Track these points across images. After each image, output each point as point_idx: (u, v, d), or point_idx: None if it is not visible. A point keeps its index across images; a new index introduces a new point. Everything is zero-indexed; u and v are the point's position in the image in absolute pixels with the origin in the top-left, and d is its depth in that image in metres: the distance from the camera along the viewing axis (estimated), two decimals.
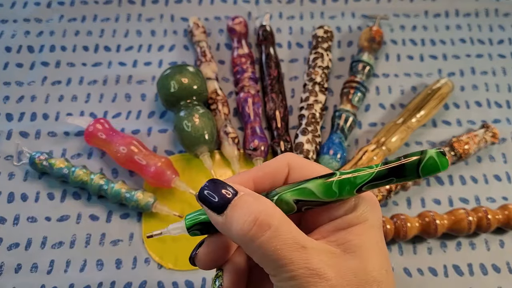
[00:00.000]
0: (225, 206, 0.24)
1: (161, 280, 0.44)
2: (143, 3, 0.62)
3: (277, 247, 0.23)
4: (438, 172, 0.24)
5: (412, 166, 0.24)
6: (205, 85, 0.51)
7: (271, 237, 0.23)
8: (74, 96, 0.55)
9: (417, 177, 0.24)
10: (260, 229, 0.23)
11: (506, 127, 0.54)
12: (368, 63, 0.55)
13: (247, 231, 0.23)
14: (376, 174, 0.25)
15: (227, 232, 0.25)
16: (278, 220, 0.24)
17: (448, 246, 0.46)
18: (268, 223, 0.24)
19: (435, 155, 0.23)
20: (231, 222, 0.24)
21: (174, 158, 0.50)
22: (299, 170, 0.27)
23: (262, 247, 0.23)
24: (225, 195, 0.25)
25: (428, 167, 0.23)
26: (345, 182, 0.25)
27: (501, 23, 0.62)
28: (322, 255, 0.24)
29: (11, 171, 0.49)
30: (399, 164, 0.24)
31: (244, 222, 0.24)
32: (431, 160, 0.23)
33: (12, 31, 0.59)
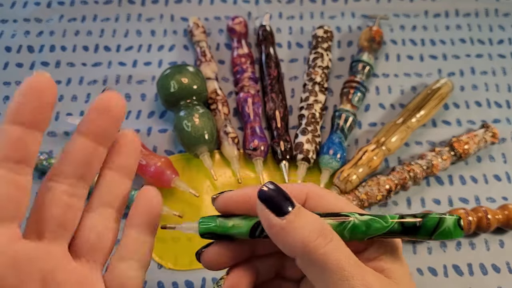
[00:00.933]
0: (287, 209, 0.24)
1: (161, 280, 0.44)
2: (143, 3, 0.62)
3: (340, 258, 0.23)
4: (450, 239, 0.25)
5: (427, 231, 0.25)
6: (205, 85, 0.51)
7: (334, 248, 0.23)
8: (74, 96, 0.55)
9: (428, 239, 0.25)
10: (325, 238, 0.23)
11: (506, 127, 0.54)
12: (368, 63, 0.55)
13: (313, 239, 0.23)
14: (390, 229, 0.25)
15: (283, 237, 0.24)
16: (336, 235, 0.24)
17: (448, 246, 0.46)
18: (332, 234, 0.24)
19: (452, 225, 0.24)
20: (293, 228, 0.24)
21: (174, 158, 0.50)
22: (316, 200, 0.27)
23: (325, 256, 0.23)
24: (286, 201, 0.24)
25: (443, 234, 0.24)
26: (357, 231, 0.25)
27: (501, 23, 0.62)
28: (375, 276, 0.24)
29: None
30: (415, 225, 0.25)
31: (310, 230, 0.23)
32: (447, 229, 0.24)
33: (12, 31, 0.59)
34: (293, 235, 0.23)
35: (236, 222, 0.27)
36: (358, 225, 0.25)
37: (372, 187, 0.47)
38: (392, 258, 0.26)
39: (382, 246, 0.27)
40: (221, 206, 0.27)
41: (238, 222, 0.27)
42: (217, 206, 0.28)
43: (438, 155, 0.49)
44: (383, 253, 0.26)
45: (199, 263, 0.29)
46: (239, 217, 0.27)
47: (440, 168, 0.49)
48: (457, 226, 0.24)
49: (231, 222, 0.27)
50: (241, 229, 0.26)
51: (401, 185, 0.48)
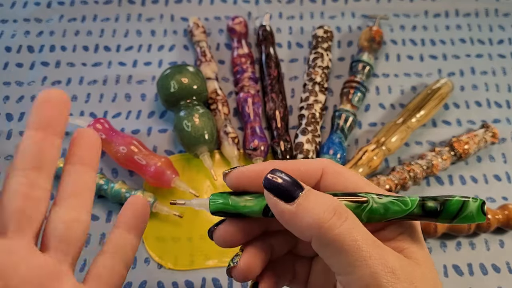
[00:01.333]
0: (296, 194, 0.23)
1: (161, 280, 0.44)
2: (143, 3, 0.62)
3: (356, 238, 0.22)
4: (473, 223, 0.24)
5: (449, 215, 0.24)
6: (205, 85, 0.51)
7: (350, 227, 0.22)
8: (74, 96, 0.55)
9: (449, 222, 0.24)
10: (340, 217, 0.22)
11: (506, 127, 0.54)
12: (368, 63, 0.55)
13: (327, 219, 0.22)
14: (410, 213, 0.24)
15: (295, 222, 0.23)
16: (351, 214, 0.23)
17: (448, 246, 0.46)
18: (346, 213, 0.23)
19: (475, 210, 0.23)
20: (305, 211, 0.23)
21: (174, 158, 0.50)
22: (333, 176, 0.26)
23: (341, 237, 0.22)
24: (294, 185, 0.24)
25: (465, 219, 0.23)
26: (374, 215, 0.24)
27: (501, 23, 0.62)
28: (394, 256, 0.23)
29: None
30: (436, 210, 0.24)
31: (323, 210, 0.22)
32: (469, 215, 0.23)
33: (12, 31, 0.59)
34: (306, 218, 0.23)
35: (249, 200, 0.26)
36: (376, 208, 0.24)
37: None
38: (411, 238, 0.25)
39: (401, 225, 0.25)
40: (233, 182, 0.26)
41: (251, 200, 0.26)
42: (229, 182, 0.27)
43: (438, 155, 0.49)
44: (401, 232, 0.25)
45: (199, 263, 0.28)
46: (252, 195, 0.26)
47: (440, 168, 0.49)
48: (480, 211, 0.23)
49: (243, 201, 0.26)
50: (254, 208, 0.26)
51: (401, 185, 0.48)
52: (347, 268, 0.22)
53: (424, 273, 0.23)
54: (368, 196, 0.24)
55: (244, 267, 0.26)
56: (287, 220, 0.24)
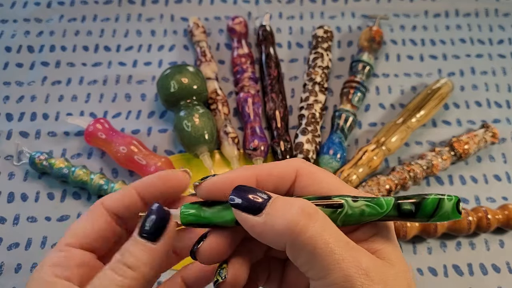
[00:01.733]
0: (263, 205, 0.23)
1: (161, 280, 0.44)
2: (143, 3, 0.62)
3: (329, 241, 0.22)
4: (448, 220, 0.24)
5: (425, 215, 0.23)
6: (205, 85, 0.51)
7: (322, 229, 0.22)
8: (74, 96, 0.55)
9: (426, 221, 0.24)
10: (310, 219, 0.22)
11: (506, 127, 0.54)
12: (368, 63, 0.55)
13: (297, 222, 0.22)
14: (386, 215, 0.24)
15: (266, 232, 0.23)
16: (323, 215, 0.23)
17: (448, 246, 0.46)
18: (317, 214, 0.22)
19: (450, 210, 0.23)
20: (274, 219, 0.22)
21: (174, 158, 0.50)
22: (308, 177, 0.26)
23: (313, 240, 0.22)
24: (260, 195, 0.23)
25: (440, 218, 0.23)
26: (351, 219, 0.24)
27: (501, 23, 0.62)
28: (368, 257, 0.23)
29: (11, 171, 0.49)
30: (411, 210, 0.24)
31: (292, 213, 0.22)
32: (445, 214, 0.23)
33: (12, 31, 0.59)
34: (276, 225, 0.22)
35: (221, 210, 0.25)
36: (352, 213, 0.24)
37: (372, 187, 0.47)
38: (384, 239, 0.25)
39: (375, 226, 0.25)
40: (204, 194, 0.26)
41: (223, 210, 0.25)
42: (200, 194, 0.26)
43: (438, 155, 0.49)
44: (375, 233, 0.25)
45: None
46: (224, 205, 0.25)
47: (440, 168, 0.49)
48: (455, 209, 0.23)
49: (216, 211, 0.25)
50: (227, 218, 0.25)
51: (401, 185, 0.48)
52: (321, 273, 0.22)
53: (398, 274, 0.23)
54: (343, 200, 0.24)
55: (233, 279, 0.26)
56: (259, 233, 0.23)
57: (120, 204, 0.27)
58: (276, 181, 0.25)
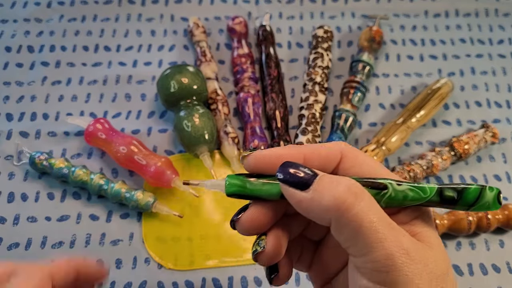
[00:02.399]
0: (311, 181, 0.23)
1: (161, 280, 0.44)
2: (143, 3, 0.62)
3: (373, 220, 0.22)
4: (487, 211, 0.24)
5: (466, 203, 0.24)
6: (205, 85, 0.51)
7: (368, 208, 0.22)
8: (74, 96, 0.55)
9: (466, 210, 0.24)
10: (357, 198, 0.22)
11: (506, 127, 0.54)
12: (368, 63, 0.55)
13: (345, 199, 0.22)
14: (428, 200, 0.24)
15: (313, 207, 0.23)
16: (368, 195, 0.23)
17: (448, 246, 0.46)
18: (363, 193, 0.23)
19: (492, 200, 0.24)
20: (321, 195, 0.23)
21: (174, 158, 0.50)
22: (351, 160, 0.26)
23: (359, 217, 0.22)
24: (307, 173, 0.24)
25: (481, 207, 0.24)
26: (393, 201, 0.25)
27: (501, 23, 0.62)
28: (409, 238, 0.23)
29: (11, 171, 0.49)
30: (453, 197, 0.24)
31: (340, 191, 0.22)
32: (486, 204, 0.24)
33: (12, 31, 0.59)
34: (323, 201, 0.23)
35: (266, 184, 0.26)
36: (395, 195, 0.24)
37: None
38: (424, 223, 0.25)
39: (415, 210, 0.26)
40: (251, 165, 0.26)
41: (268, 184, 0.26)
42: (247, 165, 0.26)
43: (438, 155, 0.49)
44: (416, 217, 0.25)
45: (199, 263, 0.28)
46: (269, 178, 0.26)
47: (440, 168, 0.49)
48: (496, 200, 0.24)
49: (260, 184, 0.26)
50: (272, 191, 0.25)
51: None
52: (363, 250, 0.22)
53: (437, 256, 0.24)
54: (387, 182, 0.25)
55: (272, 250, 0.26)
56: (305, 208, 0.24)
57: None
58: (322, 161, 0.26)
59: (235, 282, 0.44)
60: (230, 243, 0.46)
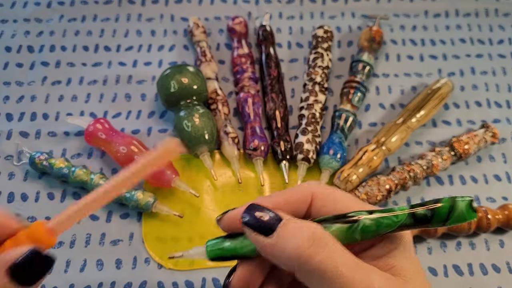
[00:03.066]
0: (275, 226, 0.23)
1: (161, 280, 0.44)
2: (143, 3, 0.62)
3: (338, 264, 0.22)
4: (464, 222, 0.24)
5: (440, 219, 0.24)
6: (205, 85, 0.51)
7: (331, 254, 0.22)
8: (74, 96, 0.55)
9: (442, 226, 0.24)
10: (319, 244, 0.22)
11: (506, 127, 0.54)
12: (368, 63, 0.55)
13: (307, 247, 0.22)
14: (401, 224, 0.24)
15: (277, 254, 0.23)
16: (332, 239, 0.23)
17: (448, 246, 0.46)
18: (326, 239, 0.23)
19: (465, 209, 0.23)
20: (284, 242, 0.23)
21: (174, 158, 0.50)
22: (323, 200, 0.26)
23: (323, 265, 0.22)
24: (272, 216, 0.24)
25: (456, 220, 0.23)
26: (367, 232, 0.24)
27: (501, 23, 0.62)
28: (380, 275, 0.23)
29: (11, 171, 0.49)
30: (426, 216, 0.24)
31: (302, 239, 0.22)
32: (460, 215, 0.23)
33: (12, 31, 0.59)
34: (286, 249, 0.23)
35: (244, 241, 0.26)
36: (368, 226, 0.24)
37: (372, 187, 0.47)
38: (402, 253, 0.25)
39: (390, 241, 0.25)
40: (226, 226, 0.27)
41: (246, 241, 0.26)
42: (223, 227, 0.27)
43: (438, 155, 0.49)
44: (392, 249, 0.25)
45: (199, 263, 0.28)
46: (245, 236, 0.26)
47: (440, 168, 0.49)
48: (470, 209, 0.23)
49: (239, 242, 0.26)
50: (250, 247, 0.26)
51: (401, 185, 0.48)
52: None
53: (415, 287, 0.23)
54: (358, 215, 0.25)
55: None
56: (269, 253, 0.24)
57: None
58: (293, 207, 0.26)
59: None
60: None
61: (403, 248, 0.25)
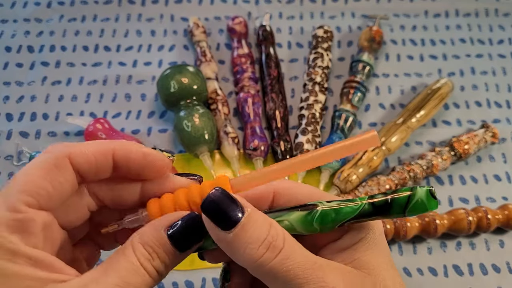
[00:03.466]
0: (235, 223, 0.22)
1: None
2: (143, 3, 0.62)
3: (290, 267, 0.22)
4: (426, 212, 0.23)
5: (400, 207, 0.23)
6: (205, 85, 0.51)
7: (283, 259, 0.22)
8: (74, 96, 0.55)
9: (403, 215, 0.23)
10: (273, 251, 0.22)
11: (506, 127, 0.54)
12: (368, 63, 0.55)
13: (261, 254, 0.22)
14: (361, 211, 0.23)
15: (231, 251, 0.23)
16: (288, 241, 0.23)
17: (448, 246, 0.46)
18: (281, 243, 0.22)
19: (424, 197, 0.22)
20: (239, 244, 0.22)
21: None
22: (284, 195, 0.26)
23: (274, 270, 0.22)
24: (234, 209, 0.23)
25: (416, 208, 0.22)
26: (326, 219, 0.24)
27: (501, 23, 0.62)
28: (336, 272, 0.23)
29: (11, 171, 0.49)
30: (385, 202, 0.23)
31: (257, 247, 0.22)
32: (419, 202, 0.22)
33: (12, 31, 0.59)
34: (240, 251, 0.22)
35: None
36: (327, 213, 0.24)
37: (372, 187, 0.47)
38: (367, 245, 0.24)
39: (357, 232, 0.25)
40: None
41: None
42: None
43: (438, 155, 0.49)
44: (358, 241, 0.24)
45: (199, 263, 0.28)
46: None
47: (440, 168, 0.49)
48: (430, 196, 0.22)
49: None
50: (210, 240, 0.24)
51: (401, 185, 0.48)
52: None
53: (375, 283, 0.23)
54: (317, 203, 0.24)
55: None
56: (224, 248, 0.23)
57: (92, 166, 0.24)
58: (254, 204, 0.25)
59: None
60: None
61: (371, 240, 0.25)
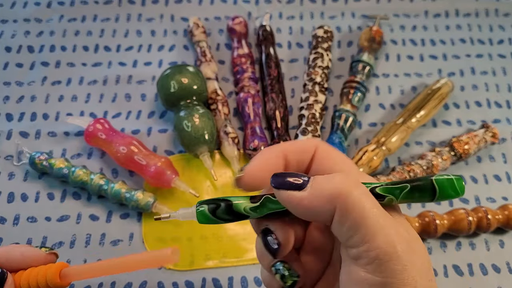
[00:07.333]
0: (306, 182, 0.24)
1: (161, 280, 0.44)
2: (143, 3, 0.62)
3: (375, 207, 0.23)
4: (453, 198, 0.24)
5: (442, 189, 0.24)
6: (205, 85, 0.51)
7: (367, 195, 0.23)
8: (74, 96, 0.55)
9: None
10: (356, 185, 0.23)
11: (506, 127, 0.54)
12: (368, 63, 0.55)
13: (344, 186, 0.23)
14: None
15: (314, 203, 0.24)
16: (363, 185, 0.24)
17: (448, 246, 0.46)
18: (358, 181, 0.24)
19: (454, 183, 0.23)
20: (320, 188, 0.23)
21: (174, 158, 0.50)
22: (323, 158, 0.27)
23: (363, 200, 0.23)
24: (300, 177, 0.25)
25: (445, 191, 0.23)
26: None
27: (501, 23, 0.62)
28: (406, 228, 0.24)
29: (11, 171, 0.49)
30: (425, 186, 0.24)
31: (337, 180, 0.23)
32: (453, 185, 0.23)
33: (12, 31, 0.59)
34: (324, 191, 0.23)
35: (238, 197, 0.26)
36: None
37: None
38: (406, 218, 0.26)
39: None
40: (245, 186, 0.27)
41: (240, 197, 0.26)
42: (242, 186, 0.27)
43: (438, 155, 0.49)
44: None
45: (199, 263, 0.28)
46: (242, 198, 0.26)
47: (440, 168, 0.49)
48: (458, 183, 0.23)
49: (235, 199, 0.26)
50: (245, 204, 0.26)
51: None
52: (366, 237, 0.22)
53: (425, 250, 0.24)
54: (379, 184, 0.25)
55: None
56: (306, 205, 0.24)
57: None
58: (299, 155, 0.27)
59: (235, 282, 0.44)
60: (230, 243, 0.46)
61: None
